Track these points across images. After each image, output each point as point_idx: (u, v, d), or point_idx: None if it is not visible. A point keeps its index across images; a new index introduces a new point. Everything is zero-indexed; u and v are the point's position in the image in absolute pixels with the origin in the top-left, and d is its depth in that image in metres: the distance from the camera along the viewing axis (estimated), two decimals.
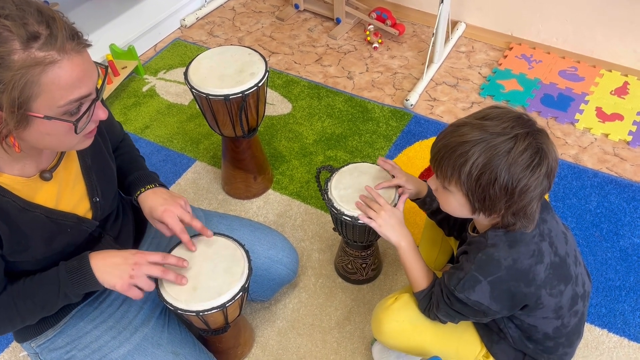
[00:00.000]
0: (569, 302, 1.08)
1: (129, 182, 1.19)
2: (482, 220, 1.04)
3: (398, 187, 1.27)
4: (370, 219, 1.19)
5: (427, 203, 1.28)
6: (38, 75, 0.79)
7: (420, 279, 1.15)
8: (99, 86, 0.90)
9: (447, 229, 1.30)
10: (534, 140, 0.93)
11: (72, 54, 0.81)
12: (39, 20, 0.79)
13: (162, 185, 1.20)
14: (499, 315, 1.07)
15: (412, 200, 1.29)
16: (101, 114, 0.91)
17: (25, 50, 0.77)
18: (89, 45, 0.85)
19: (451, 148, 0.96)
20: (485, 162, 0.92)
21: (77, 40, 0.83)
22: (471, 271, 1.01)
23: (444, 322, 1.14)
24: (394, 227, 1.18)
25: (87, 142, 0.95)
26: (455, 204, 1.02)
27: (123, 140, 1.27)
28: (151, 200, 1.14)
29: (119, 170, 1.21)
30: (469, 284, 1.01)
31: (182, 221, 1.13)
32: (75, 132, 0.87)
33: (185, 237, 1.13)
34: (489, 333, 1.17)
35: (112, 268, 1.00)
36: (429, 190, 1.26)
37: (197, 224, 1.14)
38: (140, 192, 1.16)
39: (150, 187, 1.17)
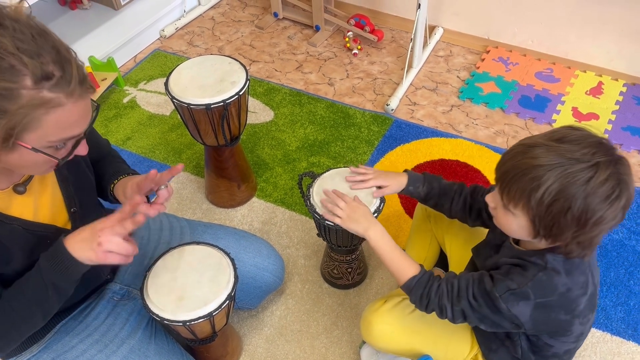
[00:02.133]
0: (589, 328, 1.08)
1: (106, 181, 1.17)
2: (538, 244, 0.98)
3: (379, 187, 1.26)
4: (335, 215, 1.18)
5: (413, 192, 1.25)
6: (42, 115, 0.79)
7: (404, 268, 1.09)
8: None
9: (447, 213, 1.26)
10: (615, 170, 0.86)
11: (77, 99, 0.82)
12: (55, 59, 0.79)
13: (137, 175, 1.18)
14: (522, 330, 1.03)
15: (398, 193, 1.27)
16: (82, 150, 0.93)
17: (35, 88, 0.77)
18: (94, 91, 0.87)
19: (522, 170, 0.89)
20: (560, 189, 0.86)
21: (85, 86, 0.83)
22: (526, 287, 0.96)
23: (439, 315, 1.07)
24: (357, 220, 1.15)
25: (52, 170, 0.96)
26: (516, 227, 0.96)
27: (108, 153, 1.26)
28: (123, 185, 1.12)
29: (101, 176, 1.21)
30: (517, 297, 0.96)
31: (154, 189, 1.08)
32: (57, 166, 0.89)
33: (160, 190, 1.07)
34: (487, 341, 1.18)
35: (83, 243, 0.96)
36: (410, 179, 1.24)
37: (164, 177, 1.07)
38: (114, 184, 1.15)
39: (123, 177, 1.16)
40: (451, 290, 1.04)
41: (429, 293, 1.05)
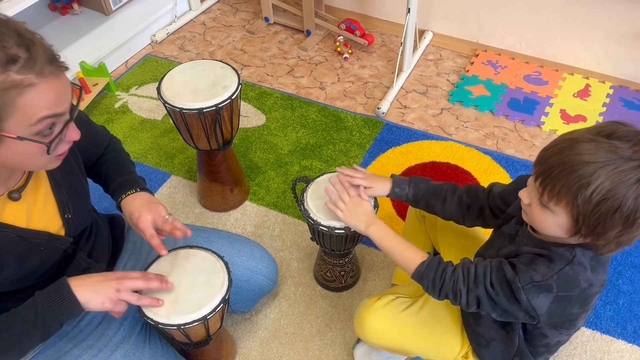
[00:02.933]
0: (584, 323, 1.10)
1: (112, 190, 1.19)
2: (568, 238, 0.94)
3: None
4: (337, 208, 1.18)
5: (400, 195, 1.24)
6: (15, 98, 0.79)
7: (411, 257, 1.07)
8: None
9: (440, 213, 1.24)
10: None
11: (50, 78, 0.82)
12: (18, 43, 0.79)
13: (145, 190, 1.19)
14: (535, 322, 1.01)
15: (388, 197, 1.26)
16: (74, 134, 0.91)
17: (3, 73, 0.77)
18: (67, 69, 0.86)
19: (570, 167, 0.84)
20: (611, 188, 0.82)
21: (55, 64, 0.83)
22: (550, 280, 0.94)
23: (452, 301, 1.04)
24: (359, 216, 1.16)
25: (57, 163, 0.95)
26: (552, 224, 0.92)
27: (108, 146, 1.26)
28: (129, 207, 1.15)
29: (105, 177, 1.21)
30: (540, 290, 0.94)
31: (155, 225, 1.13)
32: (48, 152, 0.87)
33: (154, 241, 1.11)
34: (477, 337, 1.19)
35: (95, 286, 0.99)
36: (394, 182, 1.23)
37: (170, 228, 1.13)
38: (122, 199, 1.16)
39: (131, 193, 1.17)
40: (467, 276, 1.01)
41: (442, 276, 1.03)
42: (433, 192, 1.23)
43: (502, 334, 1.13)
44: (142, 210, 1.13)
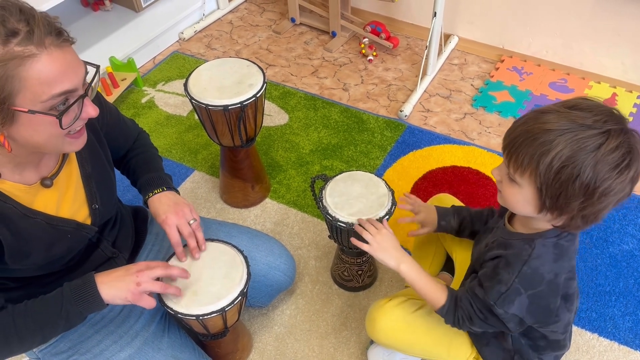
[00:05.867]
0: (573, 318, 1.10)
1: (140, 186, 1.22)
2: (538, 223, 0.98)
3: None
4: (366, 243, 1.18)
5: (446, 227, 1.29)
6: (17, 69, 0.80)
7: (435, 295, 1.10)
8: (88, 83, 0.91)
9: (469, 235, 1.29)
10: (626, 139, 0.84)
11: (51, 49, 0.82)
12: (19, 18, 0.81)
13: (171, 188, 1.22)
14: (525, 327, 1.04)
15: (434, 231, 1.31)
16: (91, 111, 0.91)
17: (4, 46, 0.79)
18: (72, 42, 0.86)
19: (533, 135, 0.87)
20: (570, 155, 0.84)
21: (56, 35, 0.84)
22: (514, 284, 0.96)
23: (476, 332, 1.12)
24: (387, 250, 1.15)
25: (78, 144, 0.95)
26: (521, 199, 0.93)
27: (137, 140, 1.29)
28: (155, 207, 1.18)
29: (134, 171, 1.24)
30: (511, 298, 0.97)
31: (180, 232, 1.16)
32: (61, 127, 0.87)
33: (178, 249, 1.16)
34: (478, 337, 1.20)
35: (117, 281, 1.00)
36: (439, 214, 1.27)
37: (191, 243, 1.17)
38: (149, 197, 1.19)
39: (158, 192, 1.19)
40: (464, 315, 1.07)
41: (458, 321, 1.09)
42: (477, 218, 1.26)
43: (497, 333, 1.15)
44: (168, 212, 1.15)
